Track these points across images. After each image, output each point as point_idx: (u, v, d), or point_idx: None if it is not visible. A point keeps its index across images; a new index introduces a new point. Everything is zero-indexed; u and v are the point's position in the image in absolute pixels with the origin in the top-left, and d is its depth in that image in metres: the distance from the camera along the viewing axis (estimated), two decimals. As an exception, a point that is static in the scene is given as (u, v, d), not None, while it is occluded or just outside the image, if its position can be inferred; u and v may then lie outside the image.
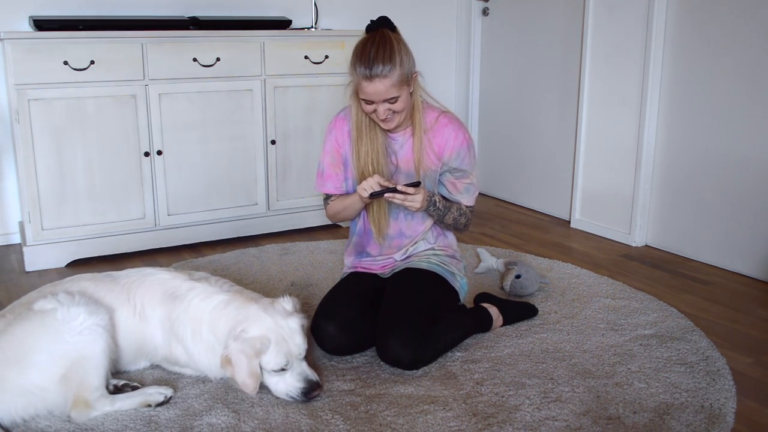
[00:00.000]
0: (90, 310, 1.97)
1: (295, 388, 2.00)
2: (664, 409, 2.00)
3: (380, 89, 2.11)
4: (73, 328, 1.91)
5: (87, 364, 1.91)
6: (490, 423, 1.93)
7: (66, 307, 1.94)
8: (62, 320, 1.91)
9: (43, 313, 1.94)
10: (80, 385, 1.90)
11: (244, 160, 3.51)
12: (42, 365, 1.87)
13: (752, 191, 3.05)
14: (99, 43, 3.08)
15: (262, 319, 2.00)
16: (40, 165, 3.07)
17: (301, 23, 3.88)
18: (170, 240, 3.41)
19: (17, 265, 3.24)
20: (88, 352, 1.92)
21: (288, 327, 2.01)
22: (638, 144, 3.47)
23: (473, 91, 4.58)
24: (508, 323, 2.54)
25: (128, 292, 2.13)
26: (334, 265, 3.17)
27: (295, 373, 2.01)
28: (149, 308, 2.11)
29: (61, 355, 1.88)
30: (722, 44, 3.09)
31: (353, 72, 2.15)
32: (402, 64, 2.11)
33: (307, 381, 2.01)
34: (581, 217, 3.85)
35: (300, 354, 2.02)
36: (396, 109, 2.17)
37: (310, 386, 2.01)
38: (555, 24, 3.95)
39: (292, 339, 2.00)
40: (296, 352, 2.01)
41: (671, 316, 2.64)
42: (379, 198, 2.22)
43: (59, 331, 1.90)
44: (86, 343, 1.92)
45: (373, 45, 2.11)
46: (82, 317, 1.94)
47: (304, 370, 2.03)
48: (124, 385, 2.07)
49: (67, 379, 1.89)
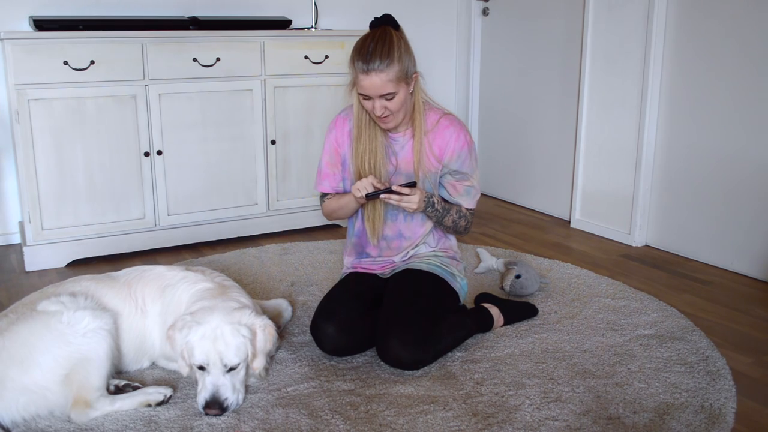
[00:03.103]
0: (95, 314, 2.00)
1: (201, 396, 1.94)
2: (664, 409, 2.00)
3: (376, 83, 2.11)
4: (77, 331, 1.94)
5: (89, 366, 1.93)
6: (490, 423, 1.93)
7: (71, 310, 1.97)
8: (67, 322, 1.94)
9: (47, 314, 1.95)
10: (81, 385, 1.91)
11: (244, 160, 3.51)
12: (45, 365, 1.88)
13: (752, 191, 3.05)
14: (99, 43, 3.08)
15: (216, 319, 1.97)
16: (40, 165, 3.07)
17: (301, 23, 3.88)
18: (170, 240, 3.41)
19: (17, 265, 3.24)
20: (92, 354, 1.94)
21: (223, 333, 1.94)
22: (638, 144, 3.47)
23: (473, 91, 4.59)
24: (509, 323, 2.54)
25: (129, 288, 2.16)
26: (334, 265, 3.17)
27: (210, 382, 1.94)
28: (149, 302, 2.15)
29: (64, 356, 1.90)
30: (722, 44, 3.09)
31: (352, 66, 2.16)
32: (400, 61, 2.12)
33: (211, 394, 1.93)
34: (581, 217, 3.85)
35: (222, 363, 1.94)
36: (392, 107, 2.16)
37: (209, 402, 1.92)
38: (555, 24, 3.95)
39: (219, 344, 1.93)
40: (213, 358, 1.93)
41: (671, 316, 2.63)
42: (374, 199, 2.22)
43: (64, 333, 1.92)
44: (90, 346, 1.94)
45: (373, 40, 2.13)
46: (87, 320, 1.97)
47: (220, 384, 1.94)
48: (125, 386, 2.08)
49: (69, 380, 1.90)
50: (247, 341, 1.99)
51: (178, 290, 2.15)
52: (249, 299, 2.19)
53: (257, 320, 2.04)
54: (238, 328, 1.98)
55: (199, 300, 2.09)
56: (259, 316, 2.07)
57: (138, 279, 2.19)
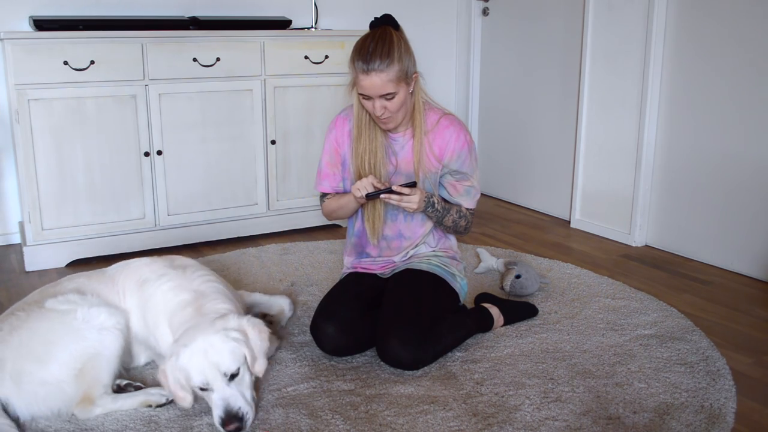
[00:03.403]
0: (110, 311, 2.05)
1: (215, 415, 1.84)
2: (664, 409, 2.00)
3: (376, 83, 2.11)
4: (93, 327, 1.98)
5: (101, 362, 1.96)
6: (490, 423, 1.93)
7: (85, 307, 2.01)
8: (82, 319, 1.98)
9: (60, 312, 1.99)
10: (92, 381, 1.95)
11: (244, 160, 3.51)
12: (63, 360, 1.92)
13: (752, 191, 3.05)
14: (99, 43, 3.08)
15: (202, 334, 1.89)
16: (40, 165, 3.07)
17: (301, 23, 3.88)
18: (170, 240, 3.41)
19: (17, 265, 3.24)
20: (104, 351, 1.98)
21: (213, 346, 1.86)
22: (638, 144, 3.47)
23: (473, 91, 4.58)
24: (509, 323, 2.54)
25: (113, 283, 2.19)
26: (334, 265, 3.17)
27: (218, 398, 1.85)
28: (129, 296, 2.16)
29: (80, 351, 1.94)
30: (722, 44, 3.09)
31: (352, 66, 2.16)
32: (400, 61, 2.11)
33: (223, 409, 1.83)
34: (581, 217, 3.85)
35: (222, 373, 1.85)
36: (391, 108, 2.16)
37: (225, 418, 1.82)
38: (555, 24, 3.95)
39: (212, 355, 1.85)
40: (210, 372, 1.84)
41: (671, 316, 2.64)
42: (374, 199, 2.22)
43: (79, 329, 1.96)
44: (104, 342, 1.98)
45: (372, 40, 2.13)
46: (103, 317, 2.01)
47: (228, 395, 1.85)
48: (127, 385, 2.09)
49: (83, 374, 1.93)
50: (241, 343, 1.90)
51: (156, 293, 2.11)
52: (231, 302, 2.12)
53: (243, 320, 1.97)
54: (226, 334, 1.89)
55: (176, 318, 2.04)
56: (244, 316, 2.01)
57: (120, 271, 2.22)
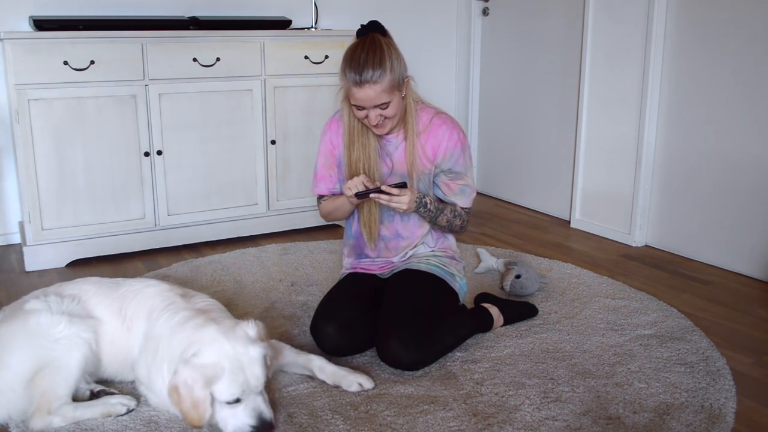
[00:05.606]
0: (72, 320, 1.92)
1: (245, 425, 1.78)
2: (664, 409, 2.00)
3: (371, 95, 2.09)
4: (50, 335, 1.87)
5: (56, 373, 1.86)
6: (490, 423, 1.93)
7: (51, 313, 1.91)
8: (43, 325, 1.88)
9: (27, 314, 1.90)
10: (45, 392, 1.84)
11: (244, 160, 3.51)
12: (12, 366, 1.83)
13: (752, 191, 3.05)
14: (99, 43, 3.08)
15: (219, 342, 1.80)
16: (40, 165, 3.07)
17: (301, 23, 3.88)
18: (170, 240, 3.41)
19: (17, 265, 3.24)
20: (60, 362, 1.86)
21: (247, 355, 1.80)
22: (638, 144, 3.47)
23: (473, 91, 4.58)
24: (509, 323, 2.54)
25: (122, 303, 2.05)
26: (334, 265, 3.17)
27: (249, 408, 1.80)
28: (136, 322, 2.01)
29: (32, 358, 1.84)
30: (722, 44, 3.09)
31: (343, 77, 2.13)
32: (393, 69, 2.10)
33: (259, 419, 1.79)
34: (581, 217, 3.85)
35: (257, 386, 1.82)
36: (387, 115, 2.16)
37: (262, 425, 1.79)
38: (555, 24, 3.95)
39: (250, 369, 1.79)
40: (253, 383, 1.81)
41: (671, 316, 2.64)
42: (365, 198, 2.21)
43: (36, 335, 1.86)
44: (60, 352, 1.87)
45: (363, 50, 2.10)
46: (62, 326, 1.90)
47: (258, 405, 1.81)
48: (100, 392, 2.01)
49: (34, 383, 1.84)
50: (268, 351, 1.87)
51: (159, 320, 1.96)
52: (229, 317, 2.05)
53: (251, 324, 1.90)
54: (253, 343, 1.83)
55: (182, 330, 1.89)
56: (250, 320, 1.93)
57: (134, 295, 2.06)
